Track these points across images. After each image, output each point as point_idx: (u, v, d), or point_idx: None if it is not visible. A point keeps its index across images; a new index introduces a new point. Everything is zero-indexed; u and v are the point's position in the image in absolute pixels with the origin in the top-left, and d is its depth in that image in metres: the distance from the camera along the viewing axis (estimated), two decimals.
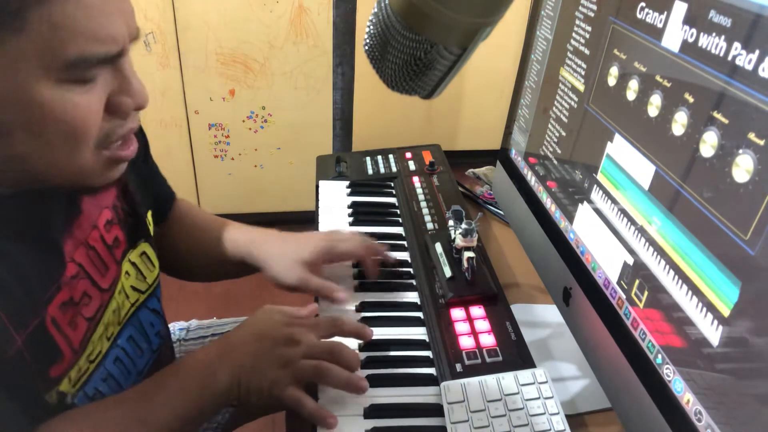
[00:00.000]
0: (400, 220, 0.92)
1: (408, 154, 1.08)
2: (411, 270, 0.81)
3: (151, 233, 0.71)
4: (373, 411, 0.60)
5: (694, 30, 0.47)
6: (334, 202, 0.95)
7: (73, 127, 0.45)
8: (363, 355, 0.66)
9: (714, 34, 0.45)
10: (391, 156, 1.08)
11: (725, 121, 0.43)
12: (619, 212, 0.58)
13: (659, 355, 0.51)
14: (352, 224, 0.90)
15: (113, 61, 0.47)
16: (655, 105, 0.52)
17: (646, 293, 0.53)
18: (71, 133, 0.46)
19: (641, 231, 0.54)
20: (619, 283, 0.58)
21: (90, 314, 0.57)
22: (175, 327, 0.94)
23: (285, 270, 0.74)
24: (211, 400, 0.58)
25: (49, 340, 0.52)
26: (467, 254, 0.74)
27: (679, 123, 0.49)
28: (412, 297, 0.77)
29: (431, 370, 0.66)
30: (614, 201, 0.59)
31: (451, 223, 0.80)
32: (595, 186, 0.63)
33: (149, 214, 0.71)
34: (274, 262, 0.75)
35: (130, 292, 0.65)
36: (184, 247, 0.80)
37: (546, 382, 0.61)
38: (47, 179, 0.49)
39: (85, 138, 0.47)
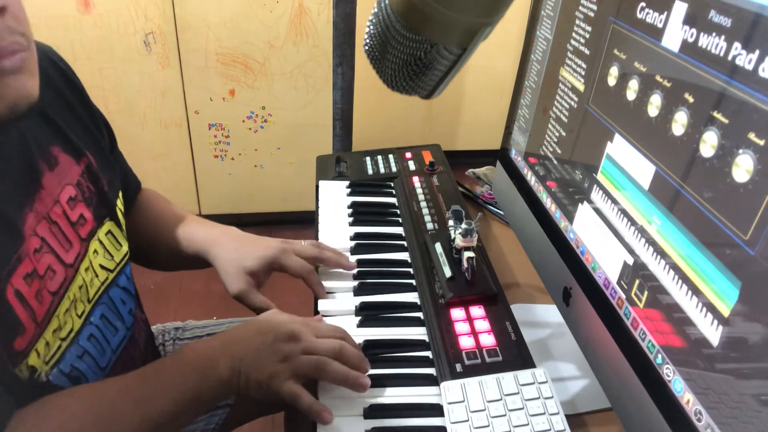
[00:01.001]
0: (400, 220, 0.92)
1: (408, 154, 1.08)
2: (411, 270, 0.81)
3: (119, 213, 0.71)
4: (373, 411, 0.60)
5: (694, 30, 0.47)
6: (334, 202, 0.95)
7: None
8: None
9: (714, 34, 0.45)
10: (391, 156, 1.08)
11: (725, 121, 0.43)
12: (619, 212, 0.58)
13: (659, 355, 0.51)
14: (352, 224, 0.90)
15: None
16: (655, 105, 0.52)
17: (646, 293, 0.53)
18: None
19: (641, 231, 0.54)
20: (619, 283, 0.58)
21: (54, 288, 0.58)
22: (171, 327, 0.94)
23: (230, 278, 0.74)
24: (209, 389, 0.58)
25: (8, 311, 0.52)
26: (467, 254, 0.74)
27: (679, 123, 0.49)
28: (412, 297, 0.77)
29: (431, 370, 0.66)
30: (614, 201, 0.59)
31: (451, 223, 0.80)
32: (595, 186, 0.63)
33: (119, 197, 0.71)
34: (221, 267, 0.75)
35: (99, 271, 0.65)
36: (146, 235, 0.81)
37: (546, 382, 0.61)
38: None
39: None
